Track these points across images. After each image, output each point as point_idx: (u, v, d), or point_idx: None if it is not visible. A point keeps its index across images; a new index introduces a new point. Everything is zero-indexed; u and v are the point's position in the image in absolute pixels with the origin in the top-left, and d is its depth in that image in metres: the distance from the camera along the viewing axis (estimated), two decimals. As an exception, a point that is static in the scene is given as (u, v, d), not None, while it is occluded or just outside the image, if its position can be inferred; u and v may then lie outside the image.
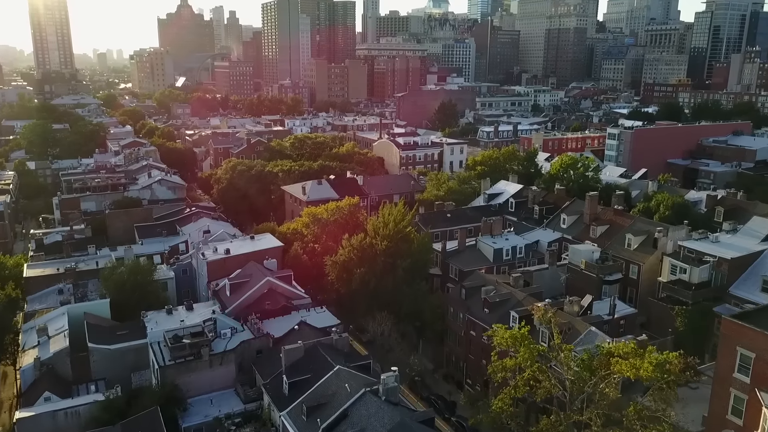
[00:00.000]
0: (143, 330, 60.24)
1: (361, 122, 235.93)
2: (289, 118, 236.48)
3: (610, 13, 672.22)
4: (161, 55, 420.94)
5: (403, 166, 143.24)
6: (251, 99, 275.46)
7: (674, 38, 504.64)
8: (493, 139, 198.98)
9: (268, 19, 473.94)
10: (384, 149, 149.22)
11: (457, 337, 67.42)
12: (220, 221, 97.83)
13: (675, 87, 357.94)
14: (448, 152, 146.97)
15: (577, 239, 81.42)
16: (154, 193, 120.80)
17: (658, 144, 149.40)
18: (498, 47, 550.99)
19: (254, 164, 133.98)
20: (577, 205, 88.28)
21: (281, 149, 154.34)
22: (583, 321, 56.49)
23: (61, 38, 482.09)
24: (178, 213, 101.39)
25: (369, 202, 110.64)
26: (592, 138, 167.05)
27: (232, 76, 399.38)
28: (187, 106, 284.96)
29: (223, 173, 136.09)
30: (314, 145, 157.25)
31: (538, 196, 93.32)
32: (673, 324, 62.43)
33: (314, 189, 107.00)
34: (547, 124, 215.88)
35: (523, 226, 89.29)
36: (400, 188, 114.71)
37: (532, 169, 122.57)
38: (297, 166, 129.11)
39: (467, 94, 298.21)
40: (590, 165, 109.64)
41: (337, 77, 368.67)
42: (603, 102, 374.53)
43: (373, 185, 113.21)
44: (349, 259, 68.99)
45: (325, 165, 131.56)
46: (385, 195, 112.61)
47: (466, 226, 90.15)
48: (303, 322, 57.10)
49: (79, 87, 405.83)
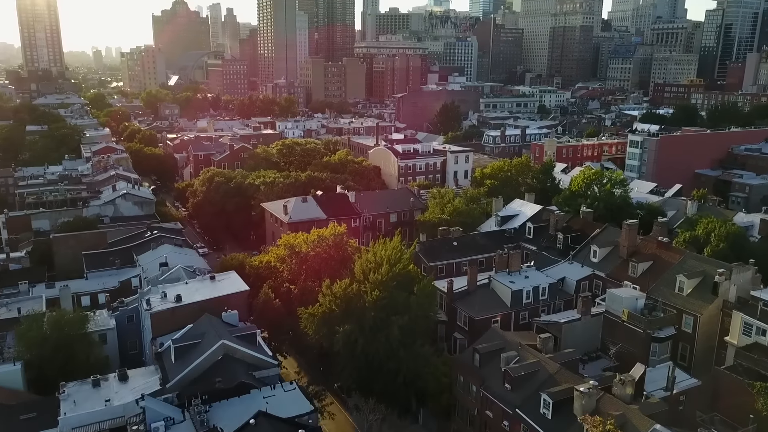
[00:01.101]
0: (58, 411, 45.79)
1: (358, 125, 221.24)
2: (281, 120, 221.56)
3: (614, 11, 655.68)
4: (153, 53, 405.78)
5: (402, 177, 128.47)
6: (242, 99, 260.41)
7: (681, 37, 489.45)
8: (500, 145, 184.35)
9: (263, 16, 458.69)
10: (381, 157, 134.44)
11: (469, 415, 52.62)
12: (186, 248, 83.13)
13: (687, 87, 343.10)
14: (452, 161, 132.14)
15: (613, 278, 66.65)
16: (118, 209, 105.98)
17: (685, 152, 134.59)
18: (501, 46, 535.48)
19: (234, 175, 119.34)
20: (610, 233, 73.52)
21: (267, 156, 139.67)
22: (642, 413, 41.67)
23: (50, 35, 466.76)
24: (137, 237, 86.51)
25: (362, 223, 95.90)
26: (609, 145, 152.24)
27: (226, 75, 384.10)
28: (175, 107, 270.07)
29: (199, 185, 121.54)
30: (304, 152, 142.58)
31: (561, 221, 78.53)
32: (751, 404, 47.67)
33: (298, 208, 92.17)
34: (557, 128, 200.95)
35: (544, 258, 74.58)
36: (398, 206, 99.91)
37: (549, 183, 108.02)
38: (282, 178, 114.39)
39: (470, 94, 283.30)
40: (617, 180, 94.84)
41: (334, 76, 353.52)
42: (611, 103, 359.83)
43: (367, 202, 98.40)
44: (331, 312, 54.18)
45: (314, 177, 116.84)
46: (380, 214, 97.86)
47: (477, 257, 75.50)
48: (263, 413, 42.20)
49: (67, 86, 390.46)
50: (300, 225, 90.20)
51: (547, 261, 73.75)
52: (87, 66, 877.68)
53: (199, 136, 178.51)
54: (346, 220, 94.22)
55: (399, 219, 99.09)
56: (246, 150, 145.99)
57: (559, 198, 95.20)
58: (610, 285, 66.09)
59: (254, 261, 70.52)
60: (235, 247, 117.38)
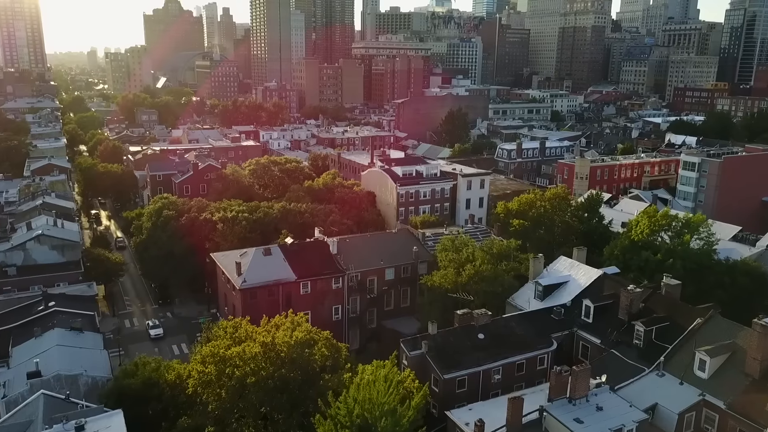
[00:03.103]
0: None
1: (353, 134, 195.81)
2: (266, 130, 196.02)
3: (623, 12, 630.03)
4: (137, 53, 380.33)
5: (402, 207, 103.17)
6: (225, 104, 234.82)
7: (695, 38, 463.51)
8: (515, 160, 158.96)
9: (256, 14, 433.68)
10: (376, 181, 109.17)
11: None
12: (89, 334, 57.80)
13: (710, 92, 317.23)
14: (463, 187, 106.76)
15: (742, 414, 41.28)
16: (30, 255, 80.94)
17: (750, 176, 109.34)
18: (506, 47, 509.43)
19: (187, 206, 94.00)
20: (717, 326, 48.21)
21: (238, 178, 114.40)
22: None
23: (31, 34, 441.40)
24: (26, 311, 61.37)
25: (346, 283, 70.40)
26: (651, 164, 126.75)
27: (214, 77, 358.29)
28: (153, 113, 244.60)
29: (145, 219, 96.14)
30: (283, 173, 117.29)
31: (636, 301, 53.05)
32: None
33: (257, 265, 66.51)
34: (580, 139, 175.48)
35: (616, 361, 49.24)
36: (396, 257, 74.26)
37: (595, 222, 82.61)
38: (247, 211, 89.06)
39: (478, 100, 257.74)
40: (696, 225, 69.39)
41: (330, 79, 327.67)
42: (628, 108, 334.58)
43: (354, 252, 72.76)
44: None
45: (290, 209, 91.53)
46: (371, 271, 72.19)
47: (515, 358, 50.21)
48: None
49: (45, 88, 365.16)
50: (259, 291, 65.10)
51: (619, 367, 48.37)
52: (81, 67, 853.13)
53: (166, 150, 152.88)
54: (325, 280, 69.00)
55: (397, 275, 73.67)
56: (213, 170, 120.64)
57: (615, 250, 69.81)
58: (736, 424, 40.95)
59: (170, 376, 44.78)
60: (188, 301, 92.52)
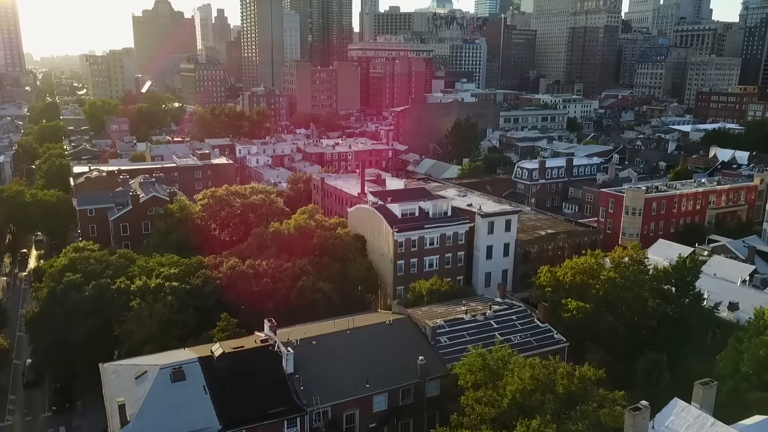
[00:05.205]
0: None
1: (345, 148, 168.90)
2: (244, 144, 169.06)
3: (632, 12, 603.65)
4: (117, 56, 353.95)
5: (402, 260, 76.29)
6: (202, 112, 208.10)
7: (709, 39, 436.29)
8: (538, 181, 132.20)
9: (247, 14, 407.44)
10: (367, 222, 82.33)
11: None
12: None
13: (739, 96, 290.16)
14: (483, 230, 79.88)
15: None
16: None
17: None
18: (512, 49, 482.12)
19: (96, 265, 67.14)
20: None
21: (187, 217, 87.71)
22: None
23: (8, 36, 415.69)
24: None
25: (307, 427, 43.13)
26: (717, 193, 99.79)
27: (199, 81, 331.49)
28: (124, 122, 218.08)
29: (45, 282, 69.26)
30: (245, 208, 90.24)
31: None
32: None
33: (155, 402, 39.53)
34: (613, 155, 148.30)
35: None
36: (391, 374, 46.82)
37: (689, 296, 55.61)
38: (178, 276, 62.25)
39: (487, 107, 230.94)
40: None
41: (324, 83, 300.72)
42: (648, 114, 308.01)
43: (322, 370, 45.43)
44: None
45: (242, 272, 64.60)
46: (349, 402, 44.81)
47: None
48: None
49: (17, 94, 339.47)
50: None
51: None
52: (74, 71, 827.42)
53: (116, 172, 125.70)
54: (271, 427, 41.83)
55: (392, 404, 46.27)
56: (159, 203, 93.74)
57: (740, 364, 42.87)
58: None
59: None
60: (95, 407, 65.19)
